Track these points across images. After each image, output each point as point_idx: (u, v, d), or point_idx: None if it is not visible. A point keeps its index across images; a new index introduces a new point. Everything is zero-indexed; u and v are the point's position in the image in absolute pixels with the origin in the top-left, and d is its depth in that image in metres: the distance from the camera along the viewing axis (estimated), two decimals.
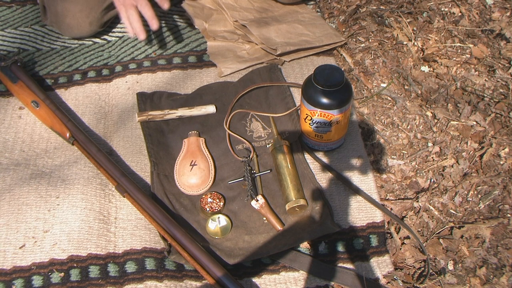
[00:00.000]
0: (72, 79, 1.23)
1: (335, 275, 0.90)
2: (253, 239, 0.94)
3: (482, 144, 1.09)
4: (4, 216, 0.98)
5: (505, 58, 1.23)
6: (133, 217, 0.98)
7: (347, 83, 0.96)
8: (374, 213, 0.98)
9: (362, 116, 1.15)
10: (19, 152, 1.09)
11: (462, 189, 1.02)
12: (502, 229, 0.96)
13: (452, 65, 1.23)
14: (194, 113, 1.12)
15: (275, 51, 1.20)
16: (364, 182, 1.02)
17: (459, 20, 1.32)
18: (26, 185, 1.03)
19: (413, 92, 1.19)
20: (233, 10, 1.30)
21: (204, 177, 1.01)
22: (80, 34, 1.27)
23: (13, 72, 1.15)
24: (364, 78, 1.22)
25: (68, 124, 1.07)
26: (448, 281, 0.90)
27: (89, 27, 1.24)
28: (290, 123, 1.09)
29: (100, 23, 1.25)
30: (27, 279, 0.90)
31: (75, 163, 1.06)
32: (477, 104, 1.15)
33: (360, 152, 1.06)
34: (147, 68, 1.24)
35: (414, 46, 1.28)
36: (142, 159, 1.07)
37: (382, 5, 1.39)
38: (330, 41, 1.25)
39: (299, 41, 1.24)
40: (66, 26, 1.23)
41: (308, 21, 1.30)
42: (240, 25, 1.27)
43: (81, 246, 0.93)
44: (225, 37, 1.29)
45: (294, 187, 0.97)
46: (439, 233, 0.97)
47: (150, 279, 0.89)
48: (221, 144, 1.08)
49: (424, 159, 1.08)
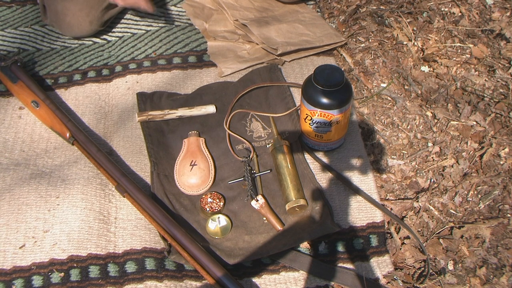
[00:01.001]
0: (72, 79, 1.23)
1: (335, 275, 0.90)
2: (253, 239, 0.94)
3: (482, 144, 1.09)
4: (4, 216, 0.98)
5: (505, 58, 1.23)
6: (133, 217, 0.98)
7: (347, 83, 0.96)
8: (374, 213, 0.98)
9: (362, 116, 1.15)
10: (19, 152, 1.09)
11: (462, 189, 1.02)
12: (502, 229, 0.96)
13: (452, 65, 1.23)
14: (194, 113, 1.12)
15: (276, 51, 1.20)
16: (364, 182, 1.02)
17: (459, 20, 1.32)
18: (26, 185, 1.03)
19: (413, 92, 1.19)
20: (234, 10, 1.30)
21: (204, 177, 1.01)
22: (80, 33, 1.27)
23: (13, 72, 1.15)
24: (364, 78, 1.22)
25: (68, 124, 1.07)
26: (448, 281, 0.90)
27: (89, 26, 1.24)
28: (290, 123, 1.09)
29: (100, 22, 1.26)
30: (27, 279, 0.90)
31: (75, 163, 1.06)
32: (477, 104, 1.15)
33: (360, 152, 1.06)
34: (147, 68, 1.24)
35: (414, 46, 1.28)
36: (142, 159, 1.07)
37: (382, 5, 1.39)
38: (331, 41, 1.25)
39: (299, 41, 1.24)
40: (66, 25, 1.23)
41: (308, 21, 1.30)
42: (241, 25, 1.27)
43: (81, 246, 0.93)
44: (225, 37, 1.29)
45: (294, 187, 0.97)
46: (439, 233, 0.97)
47: (150, 279, 0.89)
48: (221, 144, 1.08)
49: (424, 159, 1.08)
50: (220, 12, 1.33)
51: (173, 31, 1.32)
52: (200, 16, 1.33)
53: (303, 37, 1.25)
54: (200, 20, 1.32)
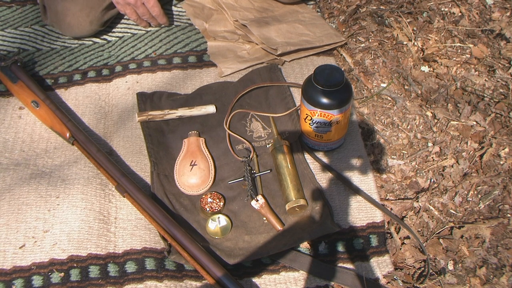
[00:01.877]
0: (72, 79, 1.23)
1: (335, 275, 0.89)
2: (253, 239, 0.94)
3: (482, 144, 1.09)
4: (4, 216, 0.98)
5: (505, 58, 1.23)
6: (133, 217, 0.98)
7: (347, 83, 0.96)
8: (374, 213, 0.98)
9: (362, 116, 1.15)
10: (19, 152, 1.09)
11: (462, 189, 1.02)
12: (502, 229, 0.96)
13: (452, 65, 1.23)
14: (194, 113, 1.12)
15: (276, 51, 1.20)
16: (364, 182, 1.02)
17: (459, 20, 1.32)
18: (26, 185, 1.03)
19: (413, 92, 1.19)
20: (234, 10, 1.30)
21: (204, 177, 1.01)
22: (80, 33, 1.27)
23: (13, 72, 1.15)
24: (364, 78, 1.22)
25: (68, 124, 1.07)
26: (448, 281, 0.90)
27: (90, 26, 1.24)
28: (290, 123, 1.09)
29: (101, 22, 1.26)
30: (27, 279, 0.90)
31: (75, 163, 1.06)
32: (477, 104, 1.15)
33: (360, 152, 1.06)
34: (147, 68, 1.24)
35: (414, 46, 1.28)
36: (142, 159, 1.07)
37: (382, 5, 1.39)
38: (331, 41, 1.25)
39: (299, 41, 1.24)
40: (66, 25, 1.24)
41: (308, 21, 1.30)
42: (241, 25, 1.27)
43: (81, 246, 0.93)
44: (225, 37, 1.29)
45: (294, 187, 0.97)
46: (439, 233, 0.97)
47: (150, 279, 0.89)
48: (221, 144, 1.08)
49: (424, 159, 1.08)
50: (220, 12, 1.33)
51: (173, 31, 1.32)
52: (200, 16, 1.33)
53: (303, 37, 1.25)
54: (200, 20, 1.32)
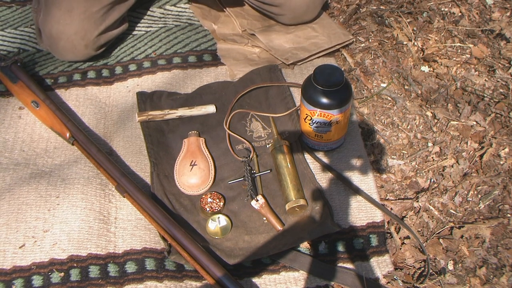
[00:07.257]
0: (72, 78, 1.23)
1: (335, 275, 0.89)
2: (253, 239, 0.94)
3: (482, 144, 1.09)
4: (4, 215, 0.98)
5: (505, 58, 1.23)
6: (133, 217, 0.98)
7: (347, 83, 0.96)
8: (374, 213, 0.98)
9: (362, 116, 1.15)
10: (19, 152, 1.09)
11: (462, 189, 1.02)
12: (502, 229, 0.96)
13: (452, 65, 1.23)
14: (194, 113, 1.12)
15: (287, 61, 1.20)
16: (364, 182, 1.02)
17: (459, 20, 1.32)
18: (26, 184, 1.03)
19: (413, 92, 1.19)
20: (242, 18, 1.31)
21: (204, 177, 1.01)
22: (75, 58, 1.23)
23: (13, 72, 1.15)
24: (364, 78, 1.22)
25: (68, 124, 1.07)
26: (448, 281, 0.90)
27: (85, 50, 1.20)
28: (290, 123, 1.09)
29: (96, 46, 1.21)
30: (27, 279, 0.90)
31: (75, 163, 1.06)
32: (477, 104, 1.15)
33: (360, 152, 1.06)
34: (148, 70, 1.24)
35: (414, 46, 1.28)
36: (142, 159, 1.07)
37: (382, 5, 1.39)
38: (339, 41, 1.25)
39: (308, 44, 1.24)
40: (60, 49, 1.20)
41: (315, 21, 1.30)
42: (249, 34, 1.28)
43: (81, 246, 0.93)
44: (235, 40, 1.29)
45: (294, 187, 0.97)
46: (439, 233, 0.97)
47: (150, 279, 0.89)
48: (221, 144, 1.08)
49: (424, 159, 1.08)
50: (227, 15, 1.34)
51: (173, 31, 1.32)
52: (208, 18, 1.34)
53: (312, 40, 1.25)
54: (209, 22, 1.33)
